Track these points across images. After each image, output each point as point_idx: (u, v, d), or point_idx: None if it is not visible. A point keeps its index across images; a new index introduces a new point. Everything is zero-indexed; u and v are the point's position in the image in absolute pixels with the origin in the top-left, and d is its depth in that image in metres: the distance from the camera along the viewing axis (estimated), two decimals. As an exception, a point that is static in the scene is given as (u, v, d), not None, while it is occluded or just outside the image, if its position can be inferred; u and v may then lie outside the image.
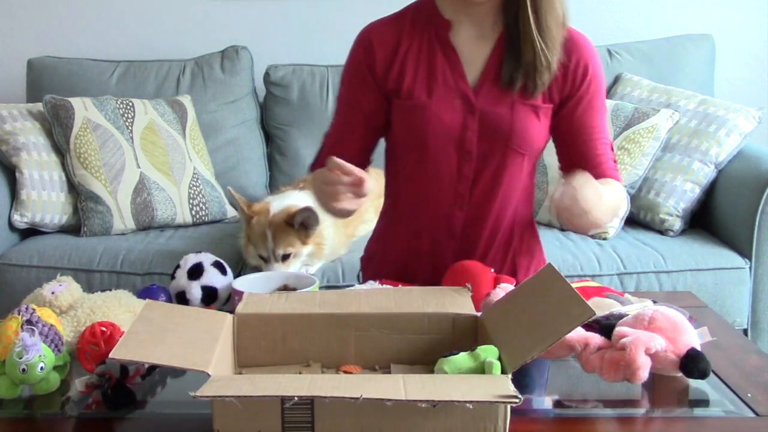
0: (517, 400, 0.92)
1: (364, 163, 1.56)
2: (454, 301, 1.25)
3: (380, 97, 1.52)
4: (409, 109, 1.49)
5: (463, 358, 1.05)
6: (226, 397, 0.93)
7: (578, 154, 1.51)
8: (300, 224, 2.16)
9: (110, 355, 1.03)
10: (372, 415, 0.95)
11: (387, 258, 1.65)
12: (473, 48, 1.49)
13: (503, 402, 0.93)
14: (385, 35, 1.51)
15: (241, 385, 0.95)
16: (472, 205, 1.53)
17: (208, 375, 1.00)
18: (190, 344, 1.08)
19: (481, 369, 1.04)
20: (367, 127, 1.55)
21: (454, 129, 1.47)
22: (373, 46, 1.50)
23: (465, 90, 1.48)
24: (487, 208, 1.53)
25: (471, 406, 0.93)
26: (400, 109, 1.50)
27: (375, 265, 1.68)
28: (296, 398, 0.93)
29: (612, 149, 1.54)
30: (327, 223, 2.35)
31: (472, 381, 1.00)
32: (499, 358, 1.05)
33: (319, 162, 1.55)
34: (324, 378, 1.01)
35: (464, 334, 1.19)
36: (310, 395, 0.93)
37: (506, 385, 0.96)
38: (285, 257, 2.17)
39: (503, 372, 1.03)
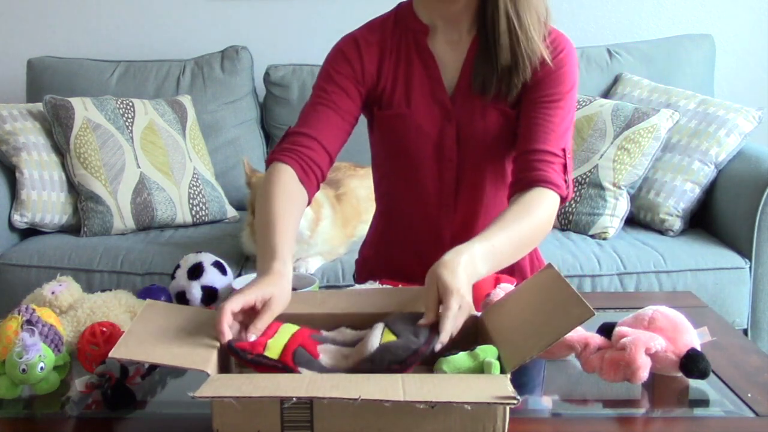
0: (515, 401, 0.92)
1: (328, 159, 1.43)
2: (454, 301, 1.24)
3: (360, 94, 1.45)
4: (389, 118, 1.47)
5: (462, 358, 1.05)
6: (226, 397, 0.93)
7: (524, 138, 1.38)
8: None
9: (110, 355, 1.03)
10: (371, 415, 0.95)
11: (380, 262, 1.64)
12: (450, 53, 1.45)
13: (502, 403, 0.93)
14: (371, 41, 1.46)
15: (241, 385, 0.95)
16: (459, 210, 1.51)
17: (208, 375, 1.00)
18: (190, 344, 1.08)
19: (481, 369, 1.03)
20: (343, 118, 1.43)
21: (433, 136, 1.46)
22: (361, 50, 1.45)
23: (442, 97, 1.45)
24: (474, 213, 1.51)
25: (469, 408, 0.93)
26: (381, 119, 1.48)
27: (369, 269, 1.67)
28: (295, 399, 0.93)
29: (566, 154, 1.38)
30: (325, 221, 2.35)
31: (470, 381, 1.00)
32: (499, 358, 1.05)
33: (279, 148, 1.41)
34: (323, 378, 1.01)
35: (464, 334, 1.19)
36: (309, 396, 0.93)
37: (505, 386, 0.96)
38: None
39: (502, 372, 1.03)
